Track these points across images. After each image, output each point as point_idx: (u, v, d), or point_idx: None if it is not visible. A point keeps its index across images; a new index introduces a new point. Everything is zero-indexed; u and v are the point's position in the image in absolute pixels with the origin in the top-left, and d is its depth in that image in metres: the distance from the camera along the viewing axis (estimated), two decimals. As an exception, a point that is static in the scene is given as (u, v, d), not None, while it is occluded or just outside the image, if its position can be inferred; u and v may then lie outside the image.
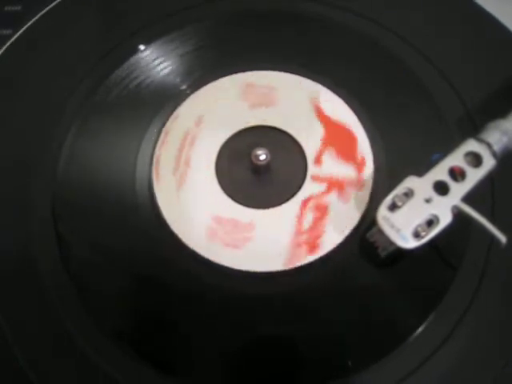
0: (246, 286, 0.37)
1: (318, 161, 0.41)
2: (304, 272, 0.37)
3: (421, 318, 0.36)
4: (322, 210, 0.39)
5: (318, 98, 0.43)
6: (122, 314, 0.37)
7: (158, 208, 0.39)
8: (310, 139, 0.41)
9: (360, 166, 0.40)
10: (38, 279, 0.38)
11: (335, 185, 0.40)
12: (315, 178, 0.40)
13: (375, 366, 0.35)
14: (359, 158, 0.40)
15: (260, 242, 0.38)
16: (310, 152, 0.41)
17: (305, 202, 0.39)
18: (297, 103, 0.43)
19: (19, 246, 0.39)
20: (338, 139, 0.41)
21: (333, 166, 0.40)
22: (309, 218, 0.39)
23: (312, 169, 0.40)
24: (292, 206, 0.39)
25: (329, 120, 0.42)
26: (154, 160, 0.41)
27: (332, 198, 0.39)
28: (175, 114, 0.42)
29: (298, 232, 0.38)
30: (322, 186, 0.40)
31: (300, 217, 0.39)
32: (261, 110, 0.43)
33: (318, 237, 0.38)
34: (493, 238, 0.34)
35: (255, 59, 0.44)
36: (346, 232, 0.38)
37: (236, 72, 0.44)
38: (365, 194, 0.39)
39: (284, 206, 0.39)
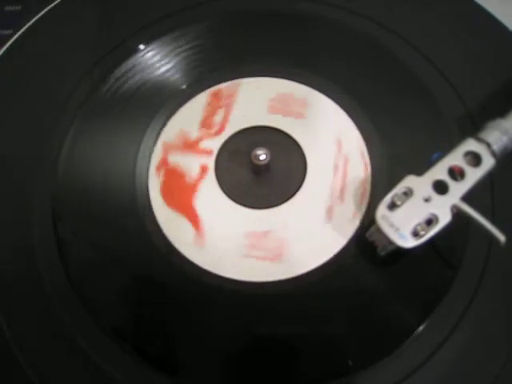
0: (245, 286, 0.37)
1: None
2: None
3: (421, 318, 0.36)
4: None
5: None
6: (121, 314, 0.37)
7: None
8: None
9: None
10: (37, 279, 0.38)
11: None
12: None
13: (375, 366, 0.35)
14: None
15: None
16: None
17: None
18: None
19: (19, 247, 0.39)
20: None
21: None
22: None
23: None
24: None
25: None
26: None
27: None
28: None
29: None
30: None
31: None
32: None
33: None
34: (492, 237, 0.34)
35: (255, 59, 0.44)
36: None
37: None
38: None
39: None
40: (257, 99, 0.43)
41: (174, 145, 0.41)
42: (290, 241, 0.38)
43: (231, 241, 0.38)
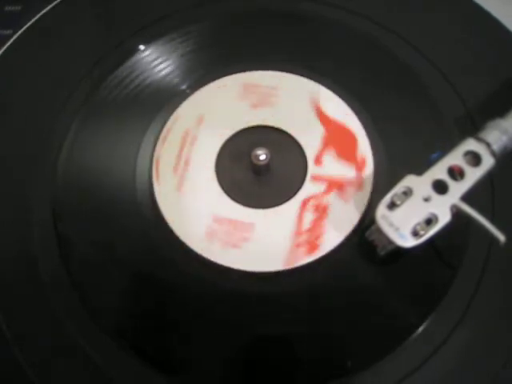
0: (245, 285, 0.37)
1: (318, 161, 0.41)
2: (304, 272, 0.37)
3: (421, 318, 0.36)
4: (321, 211, 0.39)
5: (318, 98, 0.43)
6: (122, 314, 0.37)
7: (157, 208, 0.39)
8: (310, 139, 0.41)
9: (360, 165, 0.40)
10: (38, 279, 0.38)
11: (335, 185, 0.40)
12: (315, 178, 0.40)
13: (375, 366, 0.35)
14: (359, 157, 0.40)
15: (259, 242, 0.38)
16: (310, 152, 0.41)
17: (305, 202, 0.39)
18: (297, 103, 0.43)
19: (19, 246, 0.39)
20: (338, 139, 0.41)
21: (333, 166, 0.40)
22: (309, 218, 0.39)
23: (312, 169, 0.40)
24: (292, 206, 0.39)
25: (329, 120, 0.42)
26: (154, 160, 0.41)
27: (332, 198, 0.39)
28: (175, 113, 0.42)
29: (298, 232, 0.38)
30: (322, 186, 0.40)
31: (300, 217, 0.39)
32: (261, 110, 0.43)
33: (318, 237, 0.38)
34: (492, 237, 0.34)
35: (255, 59, 0.44)
36: (346, 232, 0.38)
37: (236, 72, 0.44)
38: (365, 194, 0.39)
39: (284, 206, 0.39)
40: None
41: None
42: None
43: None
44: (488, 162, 0.35)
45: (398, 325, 0.37)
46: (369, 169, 0.40)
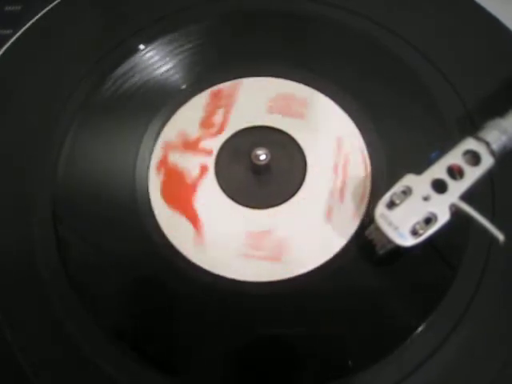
0: (245, 286, 0.37)
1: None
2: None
3: (421, 318, 0.36)
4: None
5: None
6: (121, 315, 0.38)
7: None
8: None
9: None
10: (38, 280, 0.38)
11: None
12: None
13: (375, 366, 0.35)
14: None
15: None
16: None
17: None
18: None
19: (19, 247, 0.39)
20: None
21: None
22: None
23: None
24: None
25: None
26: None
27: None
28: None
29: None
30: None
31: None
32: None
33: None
34: (492, 237, 0.34)
35: (255, 59, 0.44)
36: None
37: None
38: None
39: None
40: (257, 99, 0.43)
41: (173, 145, 0.41)
42: (289, 241, 0.38)
43: (231, 240, 0.38)
44: (487, 161, 0.35)
45: (398, 325, 0.37)
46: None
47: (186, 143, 0.42)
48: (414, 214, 0.34)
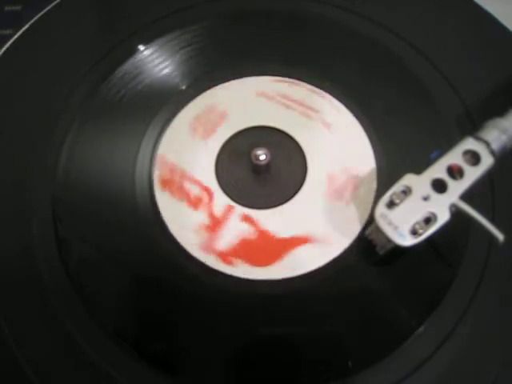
0: (245, 286, 0.37)
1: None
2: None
3: (421, 318, 0.36)
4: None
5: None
6: (122, 315, 0.37)
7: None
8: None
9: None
10: (38, 280, 0.38)
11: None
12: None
13: (375, 366, 0.35)
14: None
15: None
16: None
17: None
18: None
19: (20, 248, 0.39)
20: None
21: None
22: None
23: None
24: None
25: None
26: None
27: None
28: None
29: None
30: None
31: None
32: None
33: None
34: (492, 236, 0.34)
35: (255, 59, 0.44)
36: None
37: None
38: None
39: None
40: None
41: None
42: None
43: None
44: (487, 161, 0.35)
45: (398, 325, 0.37)
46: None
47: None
48: (414, 213, 0.34)
